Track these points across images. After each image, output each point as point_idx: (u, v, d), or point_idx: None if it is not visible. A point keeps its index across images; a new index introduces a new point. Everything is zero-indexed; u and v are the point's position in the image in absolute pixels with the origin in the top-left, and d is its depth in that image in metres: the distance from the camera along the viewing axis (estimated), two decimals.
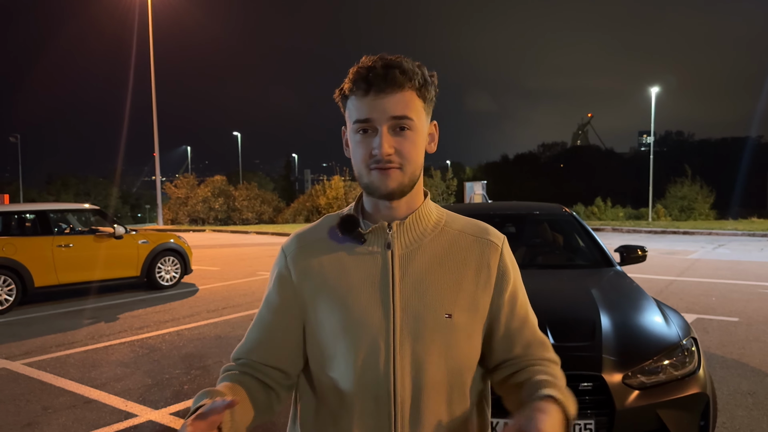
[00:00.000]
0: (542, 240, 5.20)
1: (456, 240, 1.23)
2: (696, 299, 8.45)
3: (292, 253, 1.24)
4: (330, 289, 1.18)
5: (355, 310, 1.15)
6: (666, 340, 3.10)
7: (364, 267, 1.18)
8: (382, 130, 1.12)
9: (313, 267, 1.21)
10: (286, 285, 1.23)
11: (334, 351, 1.16)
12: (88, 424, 4.25)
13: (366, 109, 1.12)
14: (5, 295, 8.61)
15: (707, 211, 38.05)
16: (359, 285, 1.17)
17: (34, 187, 61.98)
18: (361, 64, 1.14)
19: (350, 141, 1.18)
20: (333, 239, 1.23)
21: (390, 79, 1.11)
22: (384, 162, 1.12)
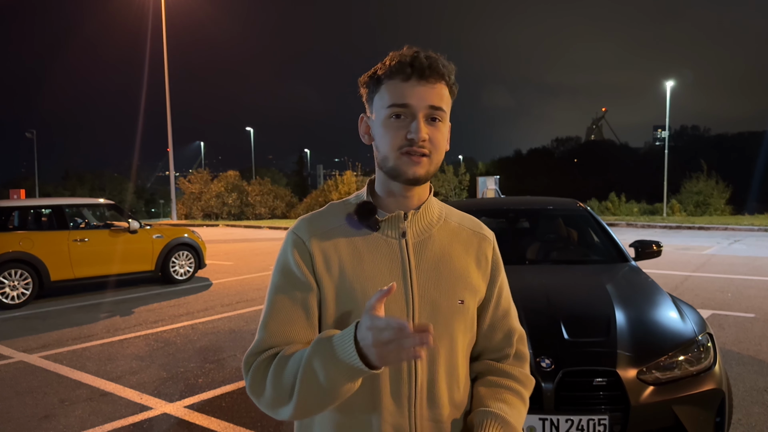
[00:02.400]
0: (556, 235, 5.18)
1: (457, 232, 1.30)
2: (712, 295, 8.37)
3: (308, 235, 1.23)
4: (349, 276, 1.19)
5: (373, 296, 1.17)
6: (681, 336, 3.08)
7: (381, 255, 1.21)
8: (419, 117, 1.15)
9: (330, 254, 1.20)
10: (307, 266, 1.20)
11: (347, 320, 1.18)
12: (104, 417, 4.30)
13: (406, 94, 1.15)
14: (22, 289, 8.71)
15: (723, 206, 37.61)
16: (377, 273, 1.19)
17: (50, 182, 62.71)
18: (404, 52, 1.17)
19: (379, 125, 1.19)
20: (349, 226, 1.24)
21: (434, 69, 1.15)
22: (418, 147, 1.15)
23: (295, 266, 1.21)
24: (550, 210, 5.39)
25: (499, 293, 1.33)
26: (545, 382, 2.75)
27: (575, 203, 5.28)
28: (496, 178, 28.61)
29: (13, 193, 27.40)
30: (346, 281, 1.19)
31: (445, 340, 1.21)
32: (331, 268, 1.20)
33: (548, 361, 2.81)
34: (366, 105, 1.24)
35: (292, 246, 1.23)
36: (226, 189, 38.98)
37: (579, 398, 2.77)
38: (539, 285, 3.86)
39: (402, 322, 0.95)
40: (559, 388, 2.75)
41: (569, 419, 2.70)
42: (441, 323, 1.20)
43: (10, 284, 8.58)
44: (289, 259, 1.22)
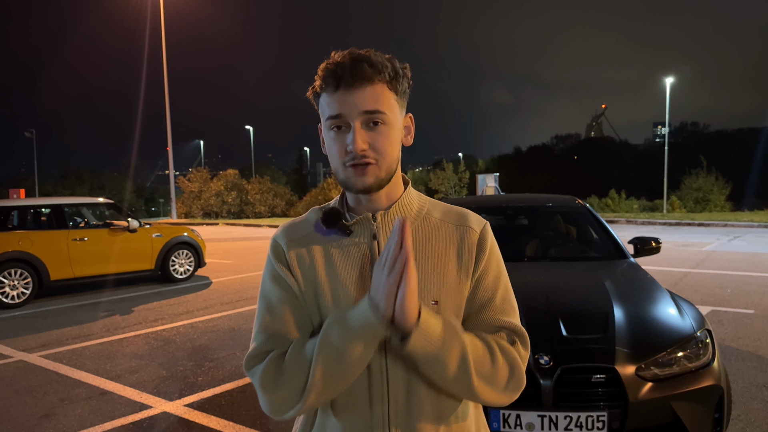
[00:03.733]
0: (555, 232, 5.18)
1: (438, 228, 1.24)
2: (711, 291, 8.38)
3: (286, 243, 1.23)
4: (322, 283, 1.18)
5: (347, 304, 1.14)
6: (680, 332, 3.08)
7: (352, 259, 1.18)
8: (355, 126, 1.11)
9: (304, 260, 1.20)
10: (290, 272, 1.21)
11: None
12: (104, 415, 4.30)
13: (337, 104, 1.12)
14: (22, 288, 8.72)
15: (723, 202, 37.64)
16: (348, 278, 1.17)
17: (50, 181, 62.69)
18: (330, 59, 1.13)
19: (326, 138, 1.17)
20: (319, 232, 1.23)
21: (358, 73, 1.10)
22: (359, 158, 1.12)
23: (280, 272, 1.21)
24: (549, 207, 5.39)
25: (488, 286, 1.23)
26: (544, 379, 2.75)
27: (574, 200, 5.28)
28: (495, 175, 28.62)
29: (12, 192, 27.41)
30: (316, 288, 1.18)
31: None
32: (306, 274, 1.19)
33: (547, 357, 2.81)
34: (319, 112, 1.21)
35: (273, 253, 1.24)
36: (225, 187, 38.99)
37: (578, 395, 2.77)
38: (538, 282, 3.86)
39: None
40: (558, 384, 2.75)
41: (568, 416, 2.70)
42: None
43: (9, 284, 8.59)
44: (273, 266, 1.23)
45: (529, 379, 2.79)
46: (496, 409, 2.76)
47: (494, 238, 1.29)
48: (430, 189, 40.95)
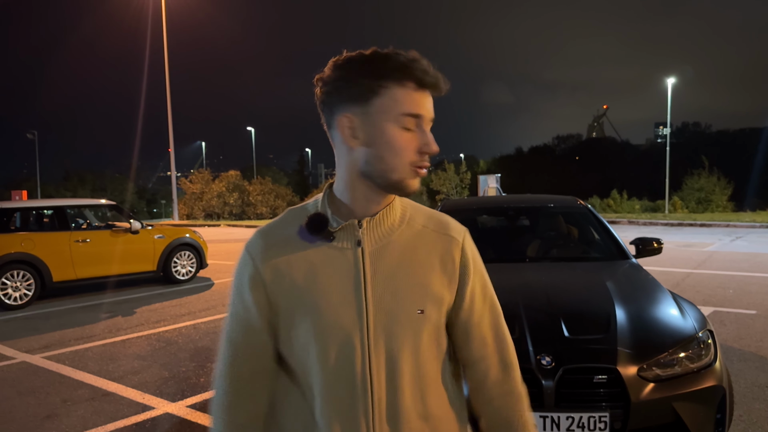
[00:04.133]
0: (557, 233, 5.18)
1: (420, 235, 1.20)
2: (713, 292, 8.37)
3: (260, 252, 1.16)
4: (301, 291, 1.13)
5: (328, 312, 1.11)
6: (682, 333, 3.08)
7: (335, 266, 1.13)
8: (427, 130, 1.11)
9: (281, 267, 1.14)
10: (258, 288, 1.15)
11: (307, 353, 1.13)
12: (106, 416, 4.31)
13: (419, 104, 1.09)
14: (24, 289, 8.73)
15: (725, 203, 37.63)
16: (330, 285, 1.12)
17: (52, 182, 62.82)
18: (415, 56, 1.08)
19: (386, 131, 1.09)
20: (301, 237, 1.16)
21: (440, 84, 1.11)
22: (426, 160, 1.12)
23: (246, 290, 1.16)
24: (550, 208, 5.39)
25: (472, 297, 1.23)
26: (546, 379, 2.75)
27: (575, 201, 5.29)
28: (497, 176, 28.61)
29: (15, 194, 27.45)
30: (297, 296, 1.13)
31: (406, 351, 1.13)
32: (282, 282, 1.14)
33: (548, 358, 2.81)
34: (349, 100, 1.10)
35: (241, 267, 1.18)
36: (227, 189, 39.03)
37: (579, 395, 2.77)
38: (539, 282, 3.86)
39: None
40: (560, 385, 2.75)
41: (570, 416, 2.70)
42: (399, 334, 1.12)
43: (12, 285, 8.60)
44: (238, 284, 1.18)
45: (530, 379, 2.79)
46: None
47: (474, 245, 1.29)
48: (432, 190, 40.95)
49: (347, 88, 1.09)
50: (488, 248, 5.00)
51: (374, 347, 1.11)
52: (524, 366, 2.81)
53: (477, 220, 5.60)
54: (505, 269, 4.28)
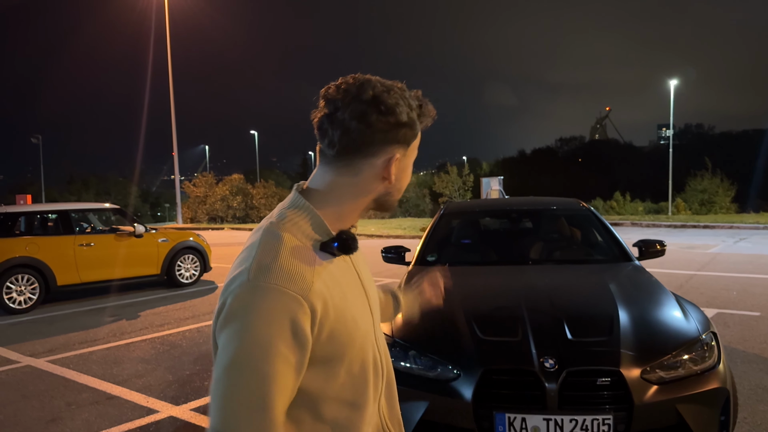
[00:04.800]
0: (559, 235, 5.18)
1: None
2: (716, 293, 8.35)
3: (306, 292, 1.05)
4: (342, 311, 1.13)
5: (361, 320, 1.19)
6: (685, 335, 3.08)
7: (348, 277, 1.20)
8: None
9: (326, 298, 1.09)
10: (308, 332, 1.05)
11: (353, 369, 1.16)
12: (110, 420, 4.32)
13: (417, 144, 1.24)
14: (29, 293, 8.76)
15: (728, 204, 37.55)
16: (353, 296, 1.19)
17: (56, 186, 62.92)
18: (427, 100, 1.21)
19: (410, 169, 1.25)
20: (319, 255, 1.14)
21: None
22: None
23: (302, 328, 1.04)
24: (553, 210, 5.40)
25: None
26: (549, 382, 2.75)
27: (578, 203, 5.29)
28: (500, 178, 28.60)
29: (19, 198, 27.53)
30: (341, 315, 1.12)
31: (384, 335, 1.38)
32: (329, 311, 1.09)
33: (552, 361, 2.81)
34: (399, 140, 1.16)
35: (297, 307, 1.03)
36: (230, 192, 39.08)
37: (583, 398, 2.77)
38: (542, 285, 3.87)
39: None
40: (563, 387, 2.75)
41: (573, 419, 2.70)
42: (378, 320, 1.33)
43: (17, 289, 8.63)
44: (296, 322, 1.03)
45: (534, 382, 2.80)
46: (501, 412, 2.76)
47: None
48: (435, 192, 40.96)
49: (401, 130, 1.15)
50: (491, 251, 5.01)
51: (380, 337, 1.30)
52: (527, 369, 2.82)
53: (480, 222, 5.61)
54: (507, 272, 4.29)
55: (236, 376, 1.00)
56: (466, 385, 2.85)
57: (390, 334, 3.31)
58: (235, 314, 1.02)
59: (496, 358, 2.95)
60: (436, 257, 4.72)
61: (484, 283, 4.09)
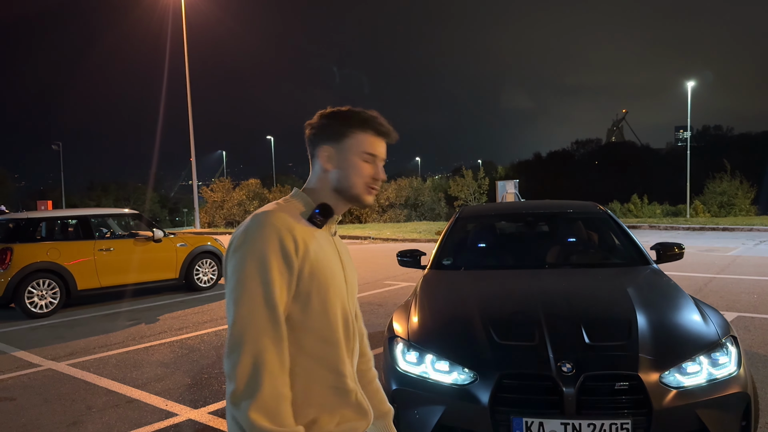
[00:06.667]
0: (577, 239, 5.16)
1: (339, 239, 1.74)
2: (737, 297, 8.25)
3: (293, 227, 1.47)
4: (320, 262, 1.51)
5: (337, 277, 1.56)
6: (705, 339, 3.06)
7: (328, 244, 1.58)
8: (381, 165, 1.63)
9: (307, 243, 1.49)
10: (293, 257, 1.44)
11: (328, 311, 1.51)
12: (130, 423, 4.37)
13: (376, 146, 1.60)
14: (50, 298, 8.88)
15: (748, 206, 37.02)
16: (331, 259, 1.56)
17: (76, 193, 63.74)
18: (374, 114, 1.61)
19: (348, 161, 1.58)
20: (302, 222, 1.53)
21: (392, 135, 1.64)
22: (377, 184, 1.62)
23: (290, 251, 1.44)
24: (569, 213, 5.37)
25: None
26: (566, 386, 2.74)
27: (595, 206, 5.26)
28: (515, 181, 28.43)
29: (40, 204, 27.93)
30: (319, 266, 1.50)
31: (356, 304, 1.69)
32: (308, 252, 1.48)
33: (569, 365, 2.80)
34: (328, 138, 1.59)
35: (282, 235, 1.44)
36: (247, 197, 39.35)
37: (601, 402, 2.76)
38: (559, 289, 3.86)
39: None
40: (581, 392, 2.75)
41: (591, 423, 2.69)
42: (355, 292, 1.68)
43: (38, 293, 8.75)
44: (285, 247, 1.43)
45: (551, 386, 2.79)
46: (518, 417, 2.76)
47: None
48: (450, 196, 40.85)
49: (328, 131, 1.60)
50: (507, 255, 4.99)
51: (352, 304, 1.64)
52: (545, 373, 2.81)
53: (495, 226, 5.59)
54: (524, 275, 4.28)
55: (245, 284, 1.40)
56: (483, 390, 2.85)
57: (406, 338, 3.31)
58: (240, 244, 1.44)
59: (513, 362, 2.95)
60: (452, 261, 4.71)
61: (500, 287, 4.08)
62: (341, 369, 1.52)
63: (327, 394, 1.50)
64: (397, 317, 3.65)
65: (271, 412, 1.34)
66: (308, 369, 1.48)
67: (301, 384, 1.46)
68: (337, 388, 1.51)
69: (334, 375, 1.51)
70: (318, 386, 1.49)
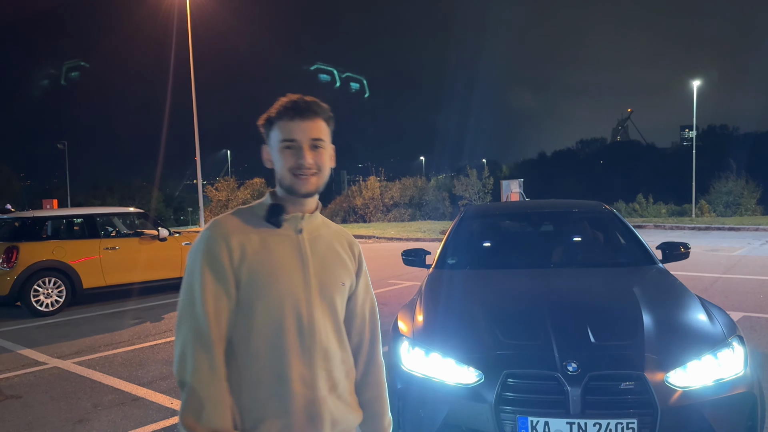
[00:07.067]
0: (582, 238, 5.14)
1: (335, 236, 1.68)
2: (743, 297, 8.22)
3: (227, 233, 1.50)
4: (262, 263, 1.50)
5: (283, 279, 1.51)
6: (711, 339, 3.05)
7: (284, 245, 1.55)
8: (305, 147, 1.52)
9: (246, 245, 1.50)
10: (229, 261, 1.48)
11: (270, 313, 1.50)
12: (135, 421, 4.39)
13: (293, 131, 1.52)
14: (56, 296, 8.92)
15: (754, 206, 36.87)
16: (283, 260, 1.53)
17: (81, 191, 63.89)
18: (286, 98, 1.55)
19: (275, 154, 1.55)
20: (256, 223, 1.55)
21: (312, 110, 1.53)
22: (305, 170, 1.52)
23: (213, 266, 1.48)
24: (575, 213, 5.36)
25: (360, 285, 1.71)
26: (572, 385, 2.74)
27: (601, 206, 5.25)
28: (520, 181, 28.40)
29: (46, 203, 28.02)
30: (259, 265, 1.50)
31: (331, 310, 1.58)
32: (246, 255, 1.49)
33: (575, 364, 2.80)
34: (265, 140, 1.59)
35: (208, 247, 1.49)
36: (252, 196, 39.40)
37: (606, 402, 2.75)
38: (564, 288, 3.85)
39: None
40: (586, 391, 2.74)
41: (597, 423, 2.69)
42: (327, 298, 1.57)
43: (44, 292, 8.79)
44: (214, 254, 1.48)
45: (556, 386, 2.79)
46: (524, 416, 2.76)
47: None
48: (454, 196, 40.82)
49: (263, 132, 1.59)
50: (513, 254, 4.98)
51: (315, 307, 1.54)
52: (550, 372, 2.81)
53: (501, 225, 5.59)
54: (529, 275, 4.27)
55: (181, 295, 1.51)
56: (488, 389, 2.85)
57: (411, 337, 3.32)
58: (188, 254, 1.54)
59: (519, 361, 2.94)
60: (457, 260, 4.71)
61: (505, 287, 4.07)
62: (289, 374, 1.49)
63: (272, 400, 1.48)
64: (402, 316, 3.65)
65: (196, 413, 1.42)
66: (256, 373, 1.49)
67: (248, 388, 1.49)
68: (282, 394, 1.48)
69: (278, 381, 1.49)
70: (264, 392, 1.49)
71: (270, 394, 1.49)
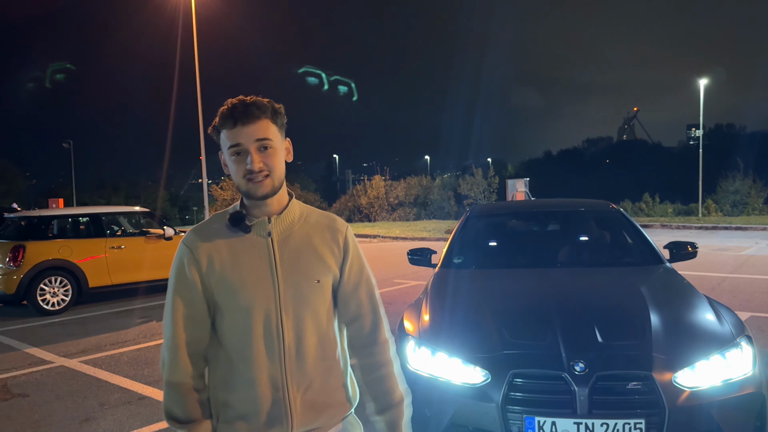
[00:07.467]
0: (589, 237, 5.12)
1: (315, 227, 1.65)
2: (750, 296, 8.18)
3: (195, 243, 1.56)
4: (229, 272, 1.53)
5: (250, 285, 1.52)
6: (719, 338, 3.03)
7: (252, 252, 1.56)
8: (251, 151, 1.51)
9: (212, 254, 1.55)
10: (197, 270, 1.54)
11: (237, 320, 1.53)
12: (142, 420, 4.39)
13: (237, 136, 1.50)
14: (62, 295, 8.95)
15: (761, 205, 36.69)
16: (251, 266, 1.54)
17: (86, 191, 64.14)
18: (226, 105, 1.53)
19: (228, 161, 1.55)
20: (226, 232, 1.58)
21: (249, 113, 1.50)
22: (256, 174, 1.51)
23: (186, 276, 1.55)
24: (581, 212, 5.33)
25: (350, 271, 1.66)
26: (579, 385, 2.73)
27: (608, 205, 5.22)
28: (525, 180, 28.30)
29: (51, 202, 28.15)
30: (226, 276, 1.53)
31: (308, 311, 1.57)
32: (215, 267, 1.54)
33: (582, 364, 2.78)
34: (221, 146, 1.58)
35: (181, 259, 1.56)
36: None
37: (614, 402, 2.74)
38: (572, 288, 3.83)
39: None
40: (593, 391, 2.73)
41: (605, 423, 2.67)
42: (302, 299, 1.56)
43: (50, 291, 8.82)
44: (180, 272, 1.56)
45: (563, 385, 2.77)
46: (530, 416, 2.74)
47: (353, 235, 1.72)
48: (460, 195, 40.77)
49: (216, 140, 1.59)
50: (519, 253, 4.96)
51: (284, 310, 1.54)
52: (557, 372, 2.79)
53: (506, 224, 5.56)
54: (536, 274, 4.25)
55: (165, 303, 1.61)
56: (495, 389, 2.83)
57: (417, 336, 3.31)
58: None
59: (526, 361, 2.93)
60: (462, 260, 4.70)
61: (512, 286, 4.06)
62: (258, 377, 1.52)
63: (243, 402, 1.54)
64: (407, 316, 3.64)
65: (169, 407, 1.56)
66: (228, 376, 1.56)
67: (222, 388, 1.57)
68: (252, 397, 1.53)
69: (248, 384, 1.53)
70: (235, 394, 1.55)
71: (241, 396, 1.54)
